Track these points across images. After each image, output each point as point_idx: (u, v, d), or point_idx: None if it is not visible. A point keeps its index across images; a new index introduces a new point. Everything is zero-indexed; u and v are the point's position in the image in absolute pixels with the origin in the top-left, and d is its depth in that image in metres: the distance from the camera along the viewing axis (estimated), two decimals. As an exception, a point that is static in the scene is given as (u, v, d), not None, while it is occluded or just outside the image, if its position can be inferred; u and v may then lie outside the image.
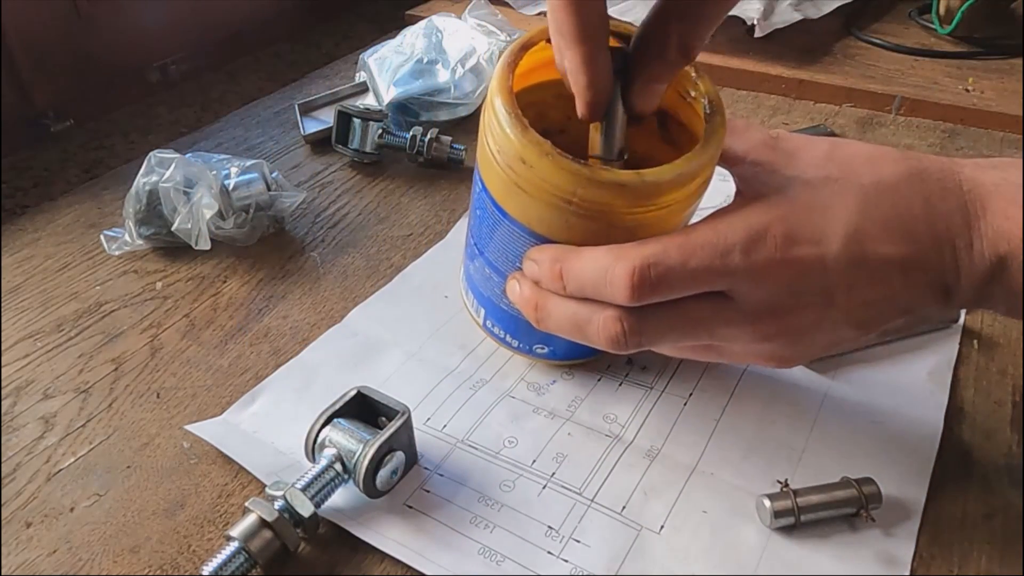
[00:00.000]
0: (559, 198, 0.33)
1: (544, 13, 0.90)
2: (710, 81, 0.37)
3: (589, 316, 0.34)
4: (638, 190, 0.32)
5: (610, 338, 0.34)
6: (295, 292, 0.51)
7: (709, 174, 0.35)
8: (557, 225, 0.34)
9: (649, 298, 0.32)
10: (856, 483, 0.35)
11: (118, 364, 0.46)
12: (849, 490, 0.35)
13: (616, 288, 0.32)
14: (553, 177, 0.33)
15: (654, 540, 0.35)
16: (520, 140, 0.33)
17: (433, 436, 0.40)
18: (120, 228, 0.54)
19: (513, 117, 0.34)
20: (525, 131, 0.33)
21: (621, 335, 0.33)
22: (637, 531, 0.36)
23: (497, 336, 0.43)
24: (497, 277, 0.39)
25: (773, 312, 0.33)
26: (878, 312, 0.33)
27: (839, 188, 0.33)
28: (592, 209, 0.33)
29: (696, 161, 0.33)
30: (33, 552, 0.35)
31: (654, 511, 0.36)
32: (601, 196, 0.33)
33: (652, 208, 0.33)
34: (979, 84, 0.73)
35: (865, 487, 0.35)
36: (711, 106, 0.35)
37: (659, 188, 0.33)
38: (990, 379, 0.43)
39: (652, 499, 0.37)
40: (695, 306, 0.33)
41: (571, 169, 0.32)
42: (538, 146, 0.33)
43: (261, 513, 0.33)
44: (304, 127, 0.69)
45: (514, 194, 0.35)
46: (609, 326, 0.33)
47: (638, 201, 0.33)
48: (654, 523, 0.36)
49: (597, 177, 0.32)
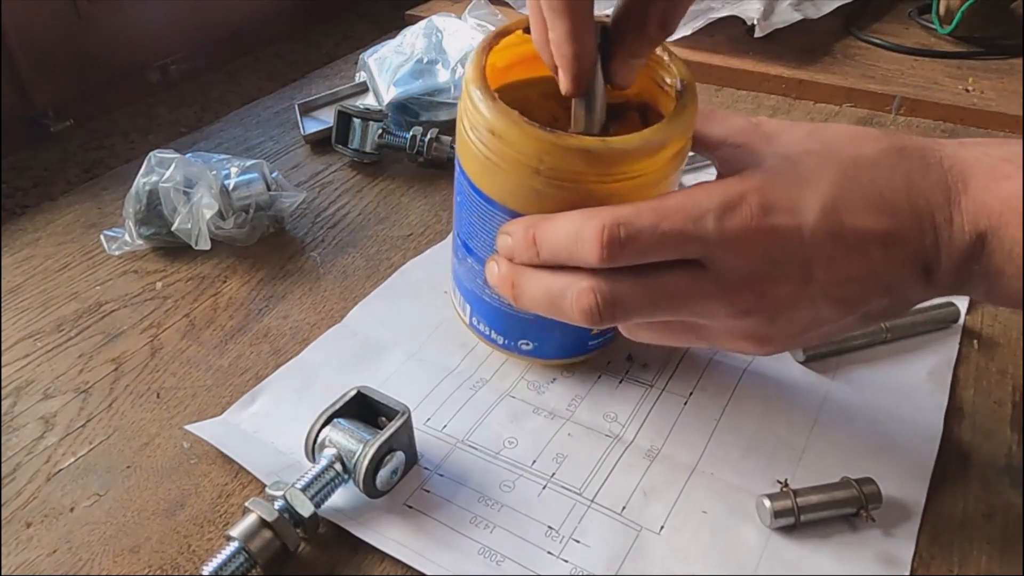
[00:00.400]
0: (528, 167, 0.34)
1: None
2: (683, 64, 0.37)
3: (563, 289, 0.34)
4: (603, 156, 0.33)
5: (584, 310, 0.33)
6: (295, 292, 0.51)
7: (681, 147, 0.35)
8: (528, 197, 0.35)
9: (619, 257, 0.32)
10: (856, 483, 0.35)
11: (118, 364, 0.46)
12: (849, 490, 0.35)
13: (586, 247, 0.32)
14: (521, 145, 0.34)
15: (654, 540, 0.35)
16: (490, 111, 0.34)
17: (433, 436, 0.40)
18: (120, 228, 0.54)
19: (483, 91, 0.35)
20: (494, 103, 0.34)
21: (595, 306, 0.33)
22: (637, 531, 0.36)
23: (483, 333, 0.43)
24: (478, 266, 0.39)
25: (749, 283, 0.32)
26: (859, 289, 0.32)
27: (818, 161, 0.33)
28: (560, 177, 0.34)
29: (664, 131, 0.34)
30: (33, 552, 0.35)
31: (654, 511, 0.36)
32: (568, 163, 0.33)
33: (621, 177, 0.34)
34: (979, 84, 0.73)
35: (865, 487, 0.35)
36: (681, 83, 0.36)
37: (625, 155, 0.33)
38: (990, 379, 0.43)
39: (652, 499, 0.37)
40: (670, 276, 0.33)
41: (538, 136, 0.33)
42: (506, 115, 0.34)
43: (261, 513, 0.33)
44: (304, 127, 0.69)
45: (487, 170, 0.36)
46: (583, 298, 0.33)
47: (604, 168, 0.33)
48: (654, 523, 0.36)
49: (563, 143, 0.33)
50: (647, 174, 0.34)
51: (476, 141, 0.35)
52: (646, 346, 0.45)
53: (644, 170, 0.34)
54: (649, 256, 0.32)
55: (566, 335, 0.42)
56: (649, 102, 0.40)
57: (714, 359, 0.45)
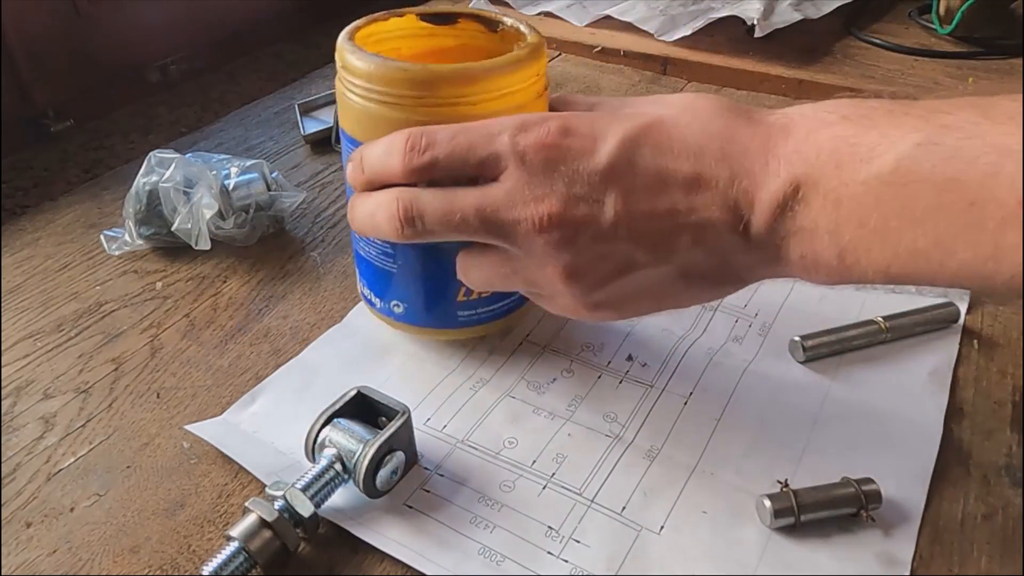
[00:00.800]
0: (364, 90, 0.37)
1: (545, 13, 0.90)
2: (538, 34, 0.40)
3: (377, 203, 0.36)
4: (418, 76, 0.36)
5: (388, 218, 0.35)
6: (295, 292, 0.51)
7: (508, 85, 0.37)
8: (366, 124, 0.38)
9: (418, 162, 0.34)
10: (856, 483, 0.35)
11: (118, 364, 0.46)
12: (849, 490, 0.35)
13: (393, 157, 0.34)
14: (357, 71, 0.37)
15: (654, 540, 0.35)
16: (341, 48, 0.39)
17: (433, 436, 0.40)
18: (120, 228, 0.54)
19: (344, 38, 0.39)
20: (348, 43, 0.39)
21: (397, 215, 0.35)
22: (637, 531, 0.36)
23: (367, 299, 0.45)
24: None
25: (544, 198, 0.32)
26: (662, 227, 0.31)
27: (640, 109, 0.33)
28: (388, 99, 0.37)
29: (486, 64, 0.37)
30: (33, 552, 0.35)
31: (654, 511, 0.36)
32: (391, 83, 0.36)
33: (442, 103, 0.36)
34: (979, 84, 0.73)
35: (865, 487, 0.35)
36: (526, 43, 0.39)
37: (439, 77, 0.36)
38: (990, 379, 0.43)
39: (652, 499, 0.37)
40: (467, 190, 0.34)
41: (368, 59, 0.37)
42: (351, 47, 0.38)
43: (261, 513, 0.33)
44: (304, 127, 0.69)
45: (343, 107, 0.40)
46: (389, 207, 0.35)
47: (422, 89, 0.36)
48: (654, 523, 0.36)
49: (386, 64, 0.37)
50: (466, 103, 0.36)
51: (338, 84, 0.39)
52: (646, 346, 0.45)
53: (461, 97, 0.36)
54: (446, 165, 0.34)
55: (435, 298, 0.42)
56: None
57: (714, 359, 0.45)
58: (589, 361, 0.45)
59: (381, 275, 0.42)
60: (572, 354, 0.45)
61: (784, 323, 0.47)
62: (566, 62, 0.84)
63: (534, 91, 0.39)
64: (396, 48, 0.44)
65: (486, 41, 0.43)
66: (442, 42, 0.44)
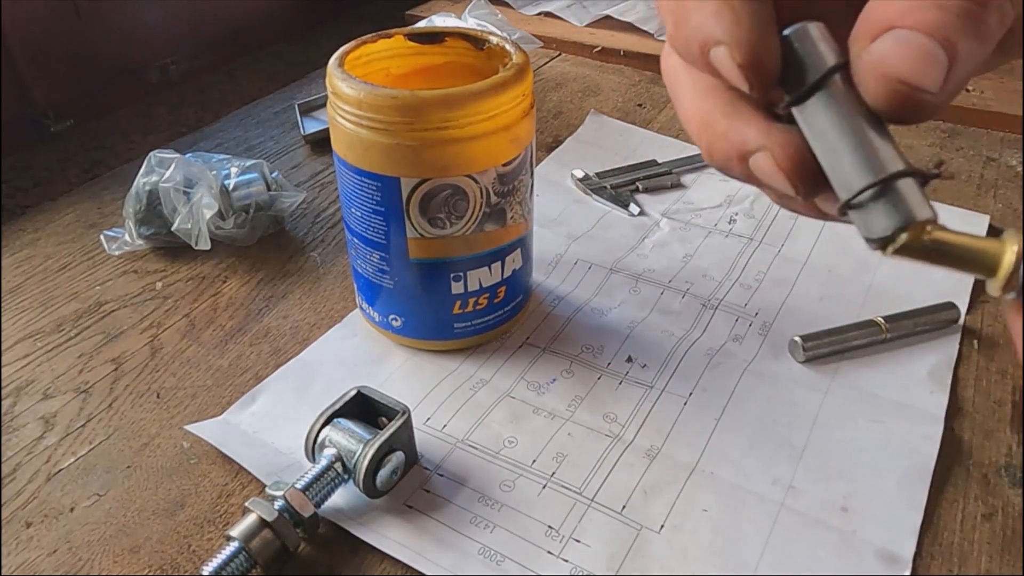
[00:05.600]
0: (355, 116, 0.38)
1: (544, 13, 0.90)
2: (524, 54, 0.41)
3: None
4: (406, 102, 0.37)
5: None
6: (295, 292, 0.51)
7: (495, 107, 0.38)
8: (358, 149, 0.39)
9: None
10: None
11: (118, 364, 0.46)
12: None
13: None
14: (347, 98, 0.38)
15: (654, 539, 0.35)
16: (331, 74, 0.39)
17: (433, 436, 0.40)
18: (120, 228, 0.54)
19: (335, 68, 0.39)
20: (337, 68, 0.39)
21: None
22: (637, 530, 0.36)
23: (365, 313, 0.46)
24: (357, 240, 0.43)
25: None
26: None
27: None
28: (378, 124, 0.37)
29: (472, 88, 0.37)
30: (33, 552, 0.35)
31: (654, 510, 0.36)
32: (380, 110, 0.37)
33: (430, 127, 0.37)
34: (979, 84, 0.73)
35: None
36: (512, 63, 0.40)
37: (427, 103, 0.37)
38: (990, 379, 0.43)
39: (652, 498, 0.37)
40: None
41: (357, 86, 0.38)
42: (341, 74, 0.39)
43: (261, 513, 0.33)
44: (304, 127, 0.69)
45: (335, 131, 0.40)
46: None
47: (410, 115, 0.37)
48: (654, 522, 0.36)
49: (375, 91, 0.37)
50: (454, 127, 0.37)
51: (329, 110, 0.40)
52: (646, 346, 0.45)
53: (448, 122, 0.37)
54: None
55: (431, 312, 0.43)
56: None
57: (714, 359, 0.45)
58: (589, 362, 0.45)
59: (378, 291, 0.43)
60: (572, 355, 0.45)
61: (784, 323, 0.47)
62: (566, 62, 0.84)
63: (520, 110, 0.39)
64: (385, 68, 0.44)
65: (473, 59, 0.44)
66: (430, 60, 0.45)
